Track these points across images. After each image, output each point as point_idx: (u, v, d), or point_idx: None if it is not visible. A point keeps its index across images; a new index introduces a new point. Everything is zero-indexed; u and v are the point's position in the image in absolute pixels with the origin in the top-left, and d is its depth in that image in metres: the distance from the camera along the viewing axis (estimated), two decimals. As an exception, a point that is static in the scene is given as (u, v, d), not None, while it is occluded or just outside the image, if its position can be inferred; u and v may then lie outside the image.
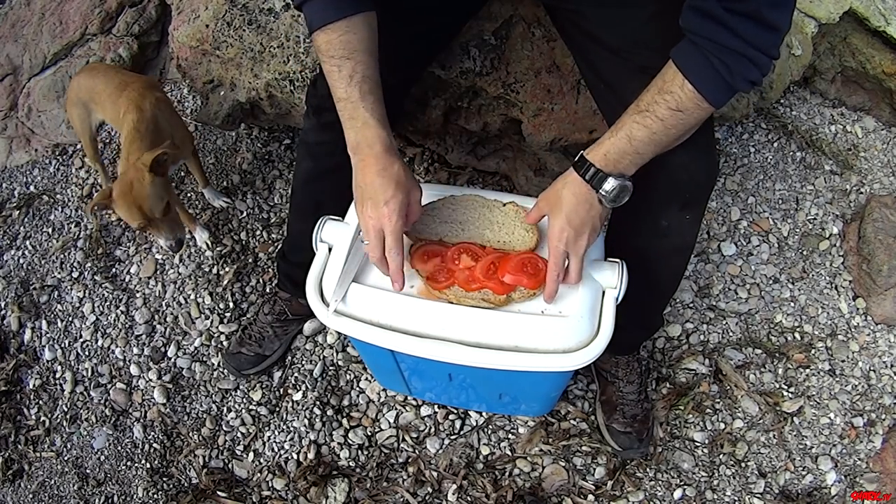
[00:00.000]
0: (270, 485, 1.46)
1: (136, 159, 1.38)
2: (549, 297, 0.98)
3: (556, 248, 0.96)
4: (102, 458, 1.54)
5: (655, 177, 1.04)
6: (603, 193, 0.94)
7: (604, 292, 1.02)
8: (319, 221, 1.10)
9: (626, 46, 1.02)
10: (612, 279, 1.02)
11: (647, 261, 1.13)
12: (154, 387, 1.59)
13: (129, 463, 1.52)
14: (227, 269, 1.74)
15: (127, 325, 1.70)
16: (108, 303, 1.73)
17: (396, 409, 1.51)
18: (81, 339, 1.70)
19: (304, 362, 1.59)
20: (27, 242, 1.89)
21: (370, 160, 0.95)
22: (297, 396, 1.55)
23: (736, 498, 1.40)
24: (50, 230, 1.90)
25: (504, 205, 1.09)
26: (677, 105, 0.86)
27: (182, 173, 1.92)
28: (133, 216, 1.38)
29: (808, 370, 1.55)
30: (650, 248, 1.14)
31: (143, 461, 1.51)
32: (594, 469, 1.43)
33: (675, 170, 1.02)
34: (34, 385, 1.65)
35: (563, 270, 0.97)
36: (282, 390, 1.57)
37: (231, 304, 1.69)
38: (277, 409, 1.55)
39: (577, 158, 0.97)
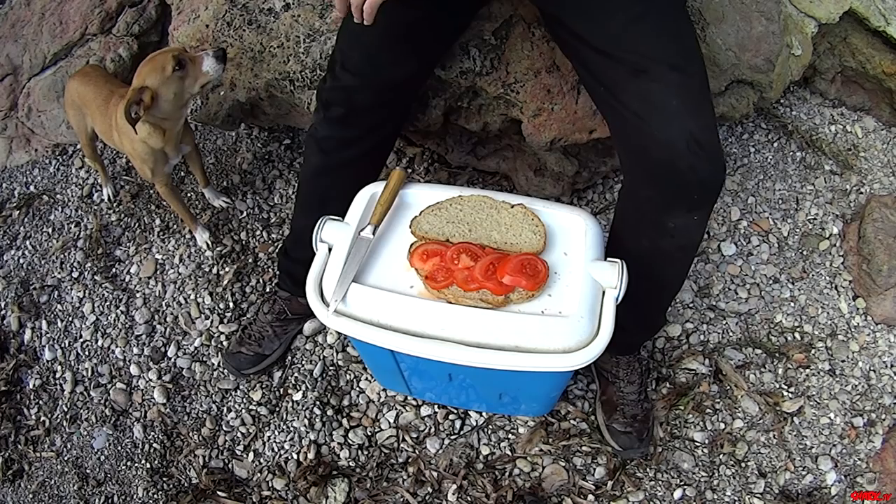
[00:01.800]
0: (270, 485, 1.46)
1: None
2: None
3: None
4: (102, 458, 1.54)
5: (663, 179, 1.04)
6: None
7: (604, 292, 1.02)
8: (319, 221, 1.10)
9: (611, 48, 1.02)
10: (612, 279, 1.02)
11: (652, 261, 1.13)
12: (154, 387, 1.59)
13: (129, 463, 1.52)
14: (227, 269, 1.74)
15: (127, 325, 1.70)
16: (108, 303, 1.73)
17: (396, 409, 1.51)
18: (81, 339, 1.70)
19: (304, 362, 1.59)
20: (27, 242, 1.89)
21: None
22: (297, 396, 1.55)
23: (736, 498, 1.40)
24: (50, 230, 1.90)
25: (512, 206, 1.09)
26: None
27: (182, 173, 1.92)
28: (167, 53, 1.37)
29: (808, 370, 1.55)
30: (656, 249, 1.14)
31: (143, 461, 1.51)
32: (594, 469, 1.43)
33: (682, 172, 1.02)
34: (34, 385, 1.65)
35: None
36: (282, 390, 1.57)
37: (231, 304, 1.69)
38: (277, 409, 1.55)
39: None
